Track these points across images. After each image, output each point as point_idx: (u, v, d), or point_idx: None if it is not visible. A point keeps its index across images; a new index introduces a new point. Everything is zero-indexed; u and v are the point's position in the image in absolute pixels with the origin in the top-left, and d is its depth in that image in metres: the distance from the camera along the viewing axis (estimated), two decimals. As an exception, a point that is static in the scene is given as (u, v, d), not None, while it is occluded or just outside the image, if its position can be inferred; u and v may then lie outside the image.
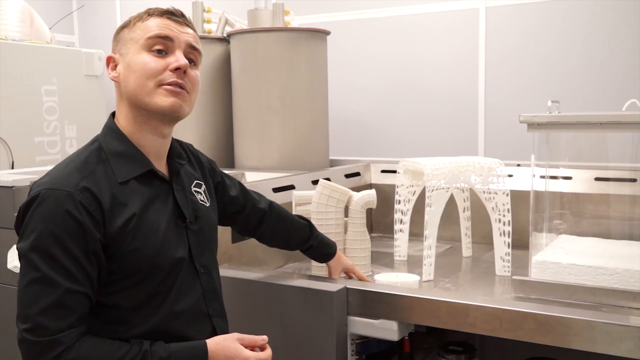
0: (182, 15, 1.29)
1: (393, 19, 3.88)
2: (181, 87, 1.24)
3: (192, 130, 3.12)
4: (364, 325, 1.67)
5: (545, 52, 3.48)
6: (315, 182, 2.25)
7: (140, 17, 1.26)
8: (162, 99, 1.22)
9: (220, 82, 3.20)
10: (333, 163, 3.20)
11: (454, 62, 3.73)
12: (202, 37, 3.21)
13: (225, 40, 3.22)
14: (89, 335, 1.17)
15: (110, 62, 1.29)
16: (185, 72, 1.24)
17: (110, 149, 1.24)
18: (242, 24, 3.32)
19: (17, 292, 1.16)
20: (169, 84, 1.22)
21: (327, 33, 3.09)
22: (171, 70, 1.22)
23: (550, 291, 1.73)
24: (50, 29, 4.10)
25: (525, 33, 3.53)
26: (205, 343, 1.24)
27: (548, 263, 1.81)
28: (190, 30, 1.29)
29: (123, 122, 1.27)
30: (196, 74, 1.29)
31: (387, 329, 1.65)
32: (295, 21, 3.35)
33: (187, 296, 1.28)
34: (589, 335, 1.42)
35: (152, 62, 1.22)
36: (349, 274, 1.86)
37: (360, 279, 1.84)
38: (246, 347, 1.27)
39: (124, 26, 1.29)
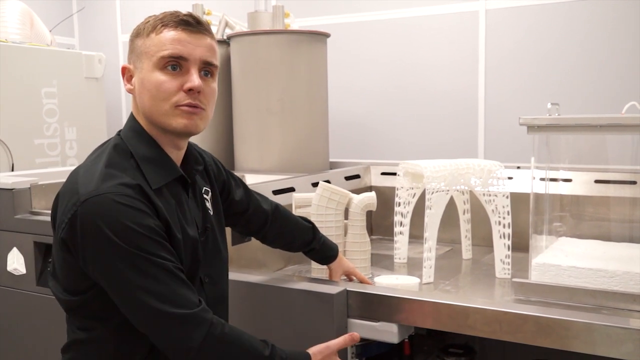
0: (198, 23, 1.23)
1: (393, 21, 3.88)
2: (196, 106, 1.22)
3: (192, 133, 3.12)
4: (364, 328, 1.66)
5: (544, 54, 3.49)
6: (315, 185, 2.25)
7: (154, 27, 1.21)
8: (177, 121, 1.20)
9: (220, 84, 3.17)
10: (333, 165, 3.20)
11: (454, 64, 3.73)
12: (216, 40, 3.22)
13: (225, 42, 3.22)
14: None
15: (126, 72, 1.26)
16: (199, 91, 1.21)
17: (139, 153, 1.21)
18: (242, 26, 3.32)
19: (134, 299, 1.11)
20: (184, 105, 1.20)
21: (327, 35, 3.09)
22: (185, 91, 1.19)
23: (550, 294, 1.73)
24: (50, 31, 4.10)
25: (525, 35, 3.53)
26: (309, 353, 1.30)
27: (548, 265, 1.81)
28: (206, 40, 1.24)
29: (148, 130, 1.25)
30: (212, 87, 1.26)
31: (387, 332, 1.65)
32: (295, 24, 3.36)
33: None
34: (589, 337, 1.41)
35: (166, 82, 1.19)
36: (349, 276, 1.86)
37: (362, 282, 1.83)
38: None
39: (137, 34, 1.24)
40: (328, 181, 2.28)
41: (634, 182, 2.27)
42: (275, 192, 2.27)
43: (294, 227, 1.74)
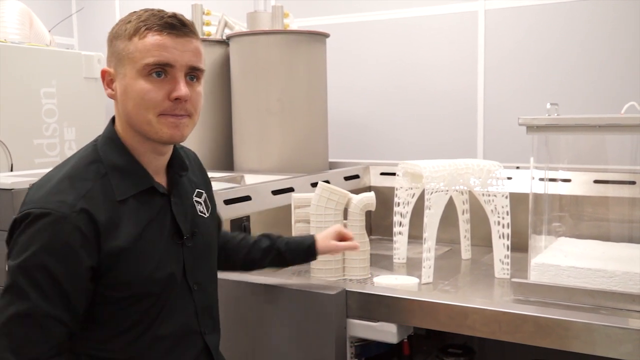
0: (184, 25, 1.17)
1: (392, 21, 3.88)
2: (182, 115, 1.18)
3: (191, 134, 3.12)
4: (363, 328, 1.66)
5: (544, 55, 3.49)
6: (314, 185, 2.25)
7: (137, 30, 1.14)
8: (163, 131, 1.16)
9: (219, 84, 3.20)
10: (332, 165, 3.20)
11: (453, 64, 3.73)
12: (201, 40, 3.22)
13: (224, 42, 3.22)
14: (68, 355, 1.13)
15: (106, 76, 1.20)
16: (186, 100, 1.16)
17: (109, 162, 1.17)
18: (241, 26, 3.32)
19: None
20: (170, 115, 1.16)
21: (326, 36, 3.09)
22: (171, 100, 1.15)
23: (550, 294, 1.73)
24: (49, 31, 4.10)
25: (524, 35, 3.54)
26: None
27: (547, 265, 1.81)
28: (192, 44, 1.18)
29: (123, 134, 1.20)
30: (198, 92, 1.20)
31: (387, 332, 1.65)
32: (294, 24, 3.36)
33: (177, 317, 1.23)
34: (588, 337, 1.42)
35: (151, 91, 1.13)
36: (341, 238, 1.67)
37: (346, 237, 1.67)
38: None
39: (117, 35, 1.17)
40: (327, 181, 2.28)
41: (633, 182, 2.27)
42: (275, 192, 2.27)
43: (247, 241, 1.60)
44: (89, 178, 1.14)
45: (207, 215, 1.35)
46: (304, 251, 1.63)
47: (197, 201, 1.32)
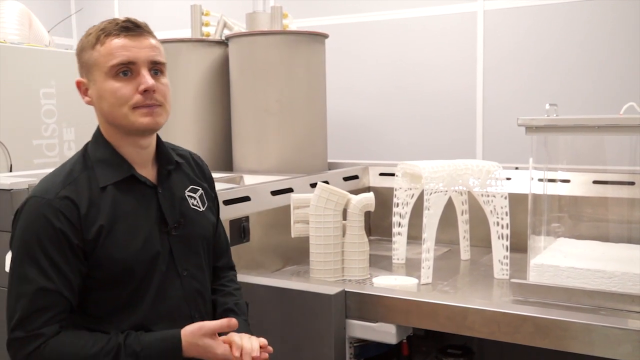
0: (137, 26, 1.29)
1: (391, 22, 3.88)
2: (153, 105, 1.28)
3: (190, 133, 3.12)
4: (362, 329, 1.66)
5: (543, 55, 3.49)
6: (313, 185, 2.25)
7: (97, 38, 1.27)
8: (139, 121, 1.27)
9: (218, 85, 3.20)
10: (331, 166, 3.20)
11: (452, 65, 3.73)
12: (200, 41, 3.22)
13: (223, 43, 3.22)
14: (70, 328, 1.23)
15: (81, 86, 1.33)
16: (154, 90, 1.27)
17: (95, 156, 1.31)
18: (240, 27, 3.32)
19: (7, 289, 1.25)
20: (142, 106, 1.26)
21: (325, 36, 3.09)
22: (140, 93, 1.26)
23: (549, 294, 1.73)
24: (48, 32, 4.10)
25: (524, 36, 3.54)
26: (179, 333, 1.24)
27: (546, 266, 1.82)
28: (148, 41, 1.29)
29: (106, 134, 1.33)
30: (164, 83, 1.31)
31: (386, 332, 1.65)
32: (293, 24, 3.35)
33: (165, 299, 1.30)
34: (587, 338, 1.42)
35: (121, 88, 1.25)
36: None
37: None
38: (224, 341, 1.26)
39: (82, 48, 1.31)
40: (326, 182, 2.28)
41: (632, 183, 2.27)
42: (274, 193, 2.27)
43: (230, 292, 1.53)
44: (76, 170, 1.29)
45: (202, 209, 1.42)
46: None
47: (190, 195, 1.41)
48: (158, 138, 1.38)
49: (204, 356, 1.25)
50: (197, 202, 1.41)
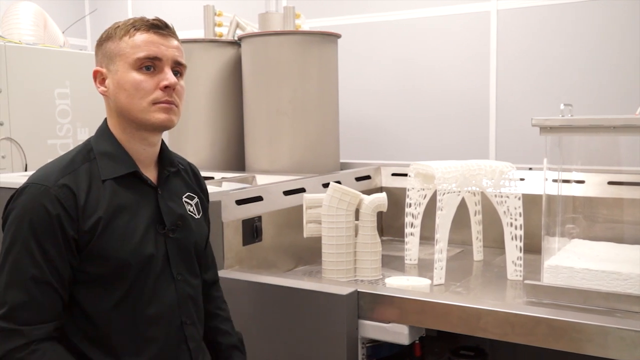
0: (167, 26, 1.31)
1: (404, 22, 3.88)
2: (172, 102, 1.29)
3: (203, 134, 3.13)
4: (374, 329, 1.66)
5: (556, 55, 3.47)
6: (326, 185, 2.25)
7: (126, 31, 1.28)
8: (155, 116, 1.27)
9: (231, 85, 3.21)
10: (344, 166, 3.20)
11: (465, 64, 3.71)
12: (213, 41, 3.23)
13: (236, 43, 3.23)
14: (58, 346, 1.20)
15: (98, 76, 1.33)
16: (174, 88, 1.28)
17: (99, 149, 1.30)
18: (253, 27, 3.33)
19: None
20: (162, 102, 1.27)
21: (337, 36, 3.09)
22: (161, 89, 1.27)
23: (563, 296, 1.71)
24: (63, 32, 4.14)
25: (537, 35, 3.51)
26: None
27: (561, 268, 1.80)
28: (175, 42, 1.31)
29: (113, 130, 1.33)
30: (182, 85, 1.33)
31: (398, 333, 1.64)
32: (306, 24, 3.36)
33: (158, 301, 1.29)
34: (602, 341, 1.40)
35: (143, 81, 1.26)
36: None
37: None
38: None
39: (107, 38, 1.30)
40: (339, 182, 2.27)
41: (648, 184, 2.24)
42: (286, 193, 2.27)
43: (216, 319, 1.52)
44: (77, 161, 1.28)
45: (198, 217, 1.43)
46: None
47: (186, 202, 1.41)
48: (162, 141, 1.39)
49: None
50: (193, 209, 1.42)
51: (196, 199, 1.44)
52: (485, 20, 3.64)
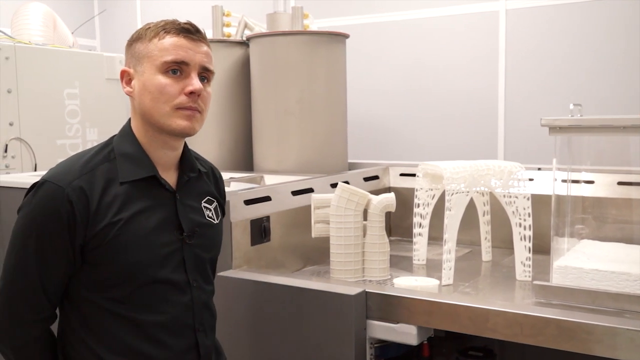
0: (198, 31, 1.29)
1: (412, 22, 3.87)
2: (196, 109, 1.27)
3: (211, 134, 3.14)
4: (382, 329, 1.66)
5: (566, 54, 3.45)
6: (334, 186, 2.25)
7: (156, 33, 1.26)
8: (177, 122, 1.26)
9: (239, 85, 3.22)
10: (352, 166, 3.20)
11: (474, 64, 3.71)
12: (221, 41, 3.24)
13: (244, 43, 3.24)
14: (39, 344, 1.25)
15: (125, 76, 1.31)
16: (199, 94, 1.26)
17: (120, 150, 1.28)
18: (261, 27, 3.34)
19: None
20: (185, 108, 1.25)
21: (346, 36, 3.09)
22: (186, 94, 1.25)
23: (572, 297, 1.70)
24: (72, 33, 4.16)
25: (546, 35, 3.50)
26: None
27: (570, 268, 1.79)
28: (204, 48, 1.29)
29: (136, 131, 1.31)
30: (208, 92, 1.31)
31: (406, 333, 1.64)
32: (314, 24, 3.36)
33: (172, 307, 1.28)
34: (611, 342, 1.40)
35: (168, 85, 1.24)
36: None
37: None
38: None
39: (137, 38, 1.29)
40: (347, 182, 2.27)
41: (658, 184, 2.23)
42: (294, 193, 2.27)
43: None
44: (97, 161, 1.26)
45: (217, 222, 1.41)
46: None
47: (205, 207, 1.39)
48: (185, 144, 1.37)
49: None
50: (212, 214, 1.40)
51: (215, 203, 1.43)
52: (494, 20, 3.63)
